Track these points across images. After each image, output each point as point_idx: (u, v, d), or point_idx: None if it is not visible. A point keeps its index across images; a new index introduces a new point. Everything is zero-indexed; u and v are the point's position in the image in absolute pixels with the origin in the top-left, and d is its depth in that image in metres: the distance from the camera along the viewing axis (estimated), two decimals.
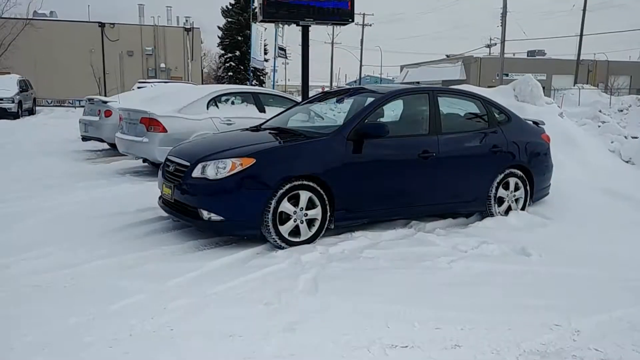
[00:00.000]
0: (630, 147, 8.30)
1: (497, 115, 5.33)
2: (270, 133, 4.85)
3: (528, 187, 5.36)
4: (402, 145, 4.67)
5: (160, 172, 4.72)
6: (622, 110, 18.73)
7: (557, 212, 5.46)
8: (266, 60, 40.41)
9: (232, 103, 7.82)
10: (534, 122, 5.83)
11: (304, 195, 4.14)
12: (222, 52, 40.92)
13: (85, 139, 10.33)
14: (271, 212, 4.01)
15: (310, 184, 4.15)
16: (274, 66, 23.91)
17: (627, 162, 8.18)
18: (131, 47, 33.03)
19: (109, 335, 2.68)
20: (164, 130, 7.03)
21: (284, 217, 4.12)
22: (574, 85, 34.58)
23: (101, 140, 9.97)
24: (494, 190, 5.14)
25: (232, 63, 38.99)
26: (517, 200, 5.35)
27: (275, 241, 4.09)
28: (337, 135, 4.38)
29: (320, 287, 3.38)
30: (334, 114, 6.80)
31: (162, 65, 34.18)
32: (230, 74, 38.76)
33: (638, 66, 46.64)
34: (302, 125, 5.42)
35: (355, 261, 3.89)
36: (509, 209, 5.29)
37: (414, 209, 4.79)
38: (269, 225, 4.02)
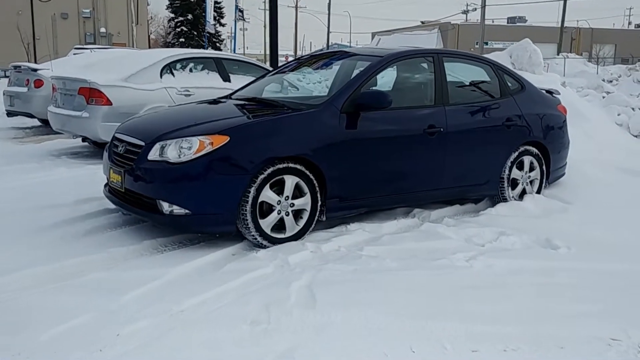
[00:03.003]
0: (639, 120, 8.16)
1: (509, 84, 4.94)
2: (245, 105, 4.30)
3: (544, 167, 5.03)
4: (405, 118, 4.23)
5: (105, 154, 4.13)
6: (611, 81, 18.90)
7: (576, 195, 5.18)
8: (222, 25, 39.38)
9: (191, 70, 7.29)
10: (548, 92, 5.49)
11: (290, 181, 3.66)
12: (172, 15, 39.78)
13: (10, 114, 9.58)
14: (250, 202, 3.51)
15: (298, 166, 3.66)
16: (234, 31, 23.05)
17: (636, 136, 8.05)
18: (65, 8, 31.62)
19: None
20: (108, 102, 6.46)
21: (266, 209, 3.64)
22: (557, 54, 34.95)
23: (30, 116, 9.27)
24: (507, 171, 4.78)
25: (183, 28, 37.82)
26: (531, 182, 5.02)
27: (255, 238, 3.61)
28: (329, 106, 3.88)
29: (319, 296, 2.91)
30: (312, 84, 6.28)
31: (102, 29, 32.80)
32: (181, 40, 37.62)
33: (623, 34, 47.68)
34: (283, 95, 4.89)
35: (356, 261, 3.44)
36: (523, 192, 4.96)
37: (418, 194, 4.38)
38: (247, 219, 3.53)
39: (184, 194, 3.48)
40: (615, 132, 7.81)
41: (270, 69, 7.31)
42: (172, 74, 7.01)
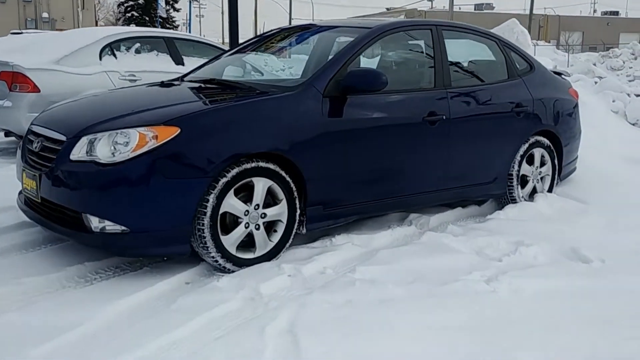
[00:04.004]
0: (636, 108, 7.74)
1: (517, 64, 4.32)
2: (201, 87, 3.54)
3: (556, 161, 4.44)
4: (400, 104, 3.55)
5: (19, 153, 3.30)
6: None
7: (591, 193, 4.64)
8: (176, 10, 38.08)
9: (137, 52, 6.52)
10: (556, 73, 4.91)
11: (261, 185, 2.93)
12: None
13: None
14: (208, 214, 2.77)
15: (270, 166, 2.94)
16: (189, 17, 22.03)
17: (633, 124, 7.64)
18: None
19: None
20: (35, 89, 5.66)
21: (230, 222, 2.91)
22: None
23: None
24: (517, 167, 4.17)
25: (134, 13, 36.59)
26: (542, 179, 4.43)
27: (216, 261, 2.87)
28: (309, 88, 3.16)
29: (305, 346, 2.20)
30: (277, 67, 5.55)
31: (45, 15, 31.23)
32: (132, 26, 36.23)
33: (590, 21, 48.45)
34: (248, 77, 4.14)
35: (349, 289, 2.73)
36: (533, 191, 4.36)
37: (419, 197, 3.71)
38: (204, 236, 2.78)
39: (120, 206, 2.70)
40: (614, 121, 7.37)
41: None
42: (114, 55, 6.24)
